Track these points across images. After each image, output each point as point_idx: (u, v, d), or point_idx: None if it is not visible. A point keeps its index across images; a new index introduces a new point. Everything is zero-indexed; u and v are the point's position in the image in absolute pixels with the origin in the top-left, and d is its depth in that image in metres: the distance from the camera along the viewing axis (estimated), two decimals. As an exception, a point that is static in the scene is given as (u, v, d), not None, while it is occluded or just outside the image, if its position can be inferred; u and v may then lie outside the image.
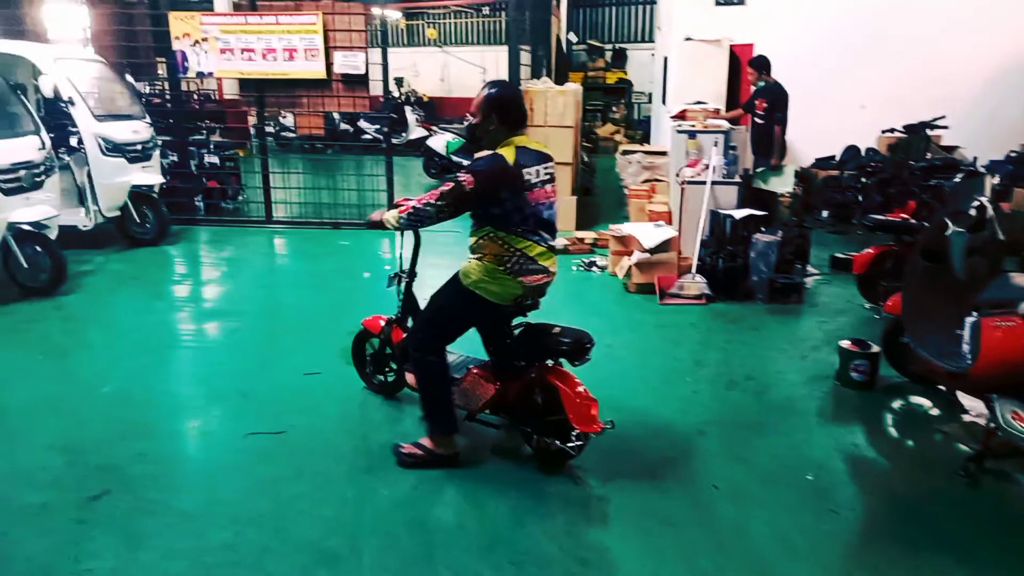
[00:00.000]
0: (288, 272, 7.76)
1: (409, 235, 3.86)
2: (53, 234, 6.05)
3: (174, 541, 2.97)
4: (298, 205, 9.51)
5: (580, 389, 3.39)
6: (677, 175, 6.83)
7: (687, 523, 3.15)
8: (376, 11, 11.76)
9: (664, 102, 11.48)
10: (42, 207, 5.99)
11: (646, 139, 16.30)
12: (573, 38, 18.59)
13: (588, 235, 8.03)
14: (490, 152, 3.28)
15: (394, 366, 4.22)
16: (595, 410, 3.36)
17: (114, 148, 7.35)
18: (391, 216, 3.42)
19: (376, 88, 10.72)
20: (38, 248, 5.94)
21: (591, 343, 3.45)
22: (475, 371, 3.68)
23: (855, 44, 9.66)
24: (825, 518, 3.20)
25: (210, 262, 7.89)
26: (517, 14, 8.95)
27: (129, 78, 8.81)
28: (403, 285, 4.05)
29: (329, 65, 8.61)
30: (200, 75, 8.81)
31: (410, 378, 3.96)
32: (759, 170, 7.43)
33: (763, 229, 6.27)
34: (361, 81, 10.13)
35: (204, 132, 9.58)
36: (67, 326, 5.70)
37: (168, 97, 10.37)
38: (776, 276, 6.07)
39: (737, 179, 6.66)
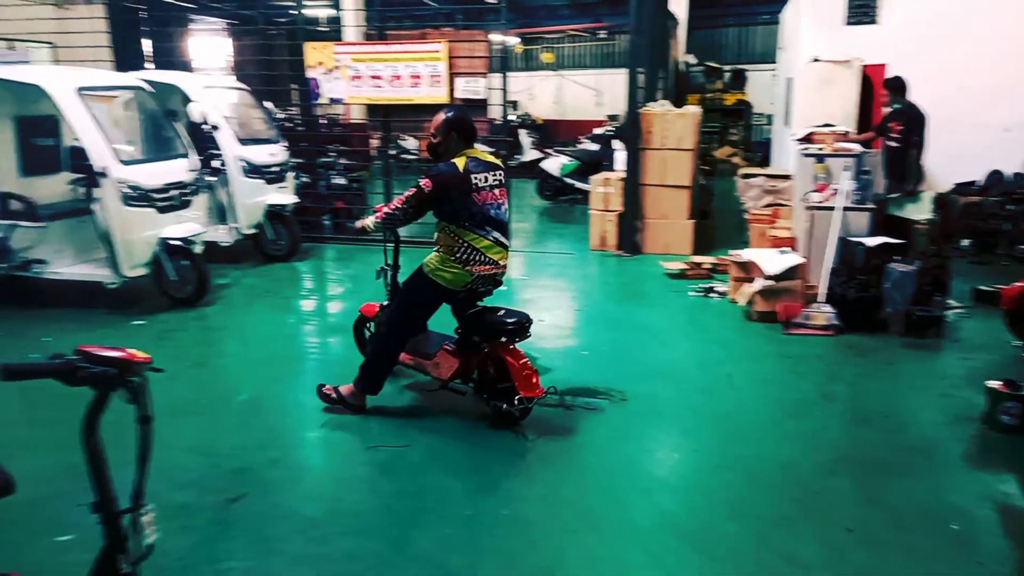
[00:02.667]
0: (407, 290, 7.99)
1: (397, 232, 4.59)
2: (199, 249, 6.49)
3: (302, 547, 3.10)
4: (417, 224, 9.77)
5: (524, 362, 4.09)
6: (803, 200, 6.57)
7: (817, 566, 2.99)
8: (496, 37, 12.04)
9: (787, 124, 11.11)
10: (190, 224, 6.45)
11: (765, 162, 15.80)
12: (691, 60, 18.33)
13: (706, 260, 7.85)
14: (444, 163, 3.99)
15: None
16: (536, 379, 4.08)
17: (253, 170, 7.84)
18: (369, 221, 4.18)
19: (495, 112, 10.92)
20: (185, 262, 6.39)
21: (530, 323, 4.19)
22: (445, 347, 4.34)
23: (998, 64, 9.03)
24: (970, 571, 2.96)
25: (335, 278, 8.25)
26: (636, 37, 8.92)
27: (267, 104, 9.38)
28: (388, 277, 4.69)
29: (451, 90, 8.86)
30: (333, 101, 9.26)
31: (403, 356, 4.49)
32: (893, 196, 7.05)
33: (898, 258, 5.93)
34: (480, 105, 10.39)
35: (333, 155, 10.03)
36: (207, 336, 6.09)
37: (299, 122, 10.98)
38: (913, 308, 5.71)
39: (870, 205, 6.34)
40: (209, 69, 13.56)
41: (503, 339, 4.13)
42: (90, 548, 2.06)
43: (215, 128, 7.68)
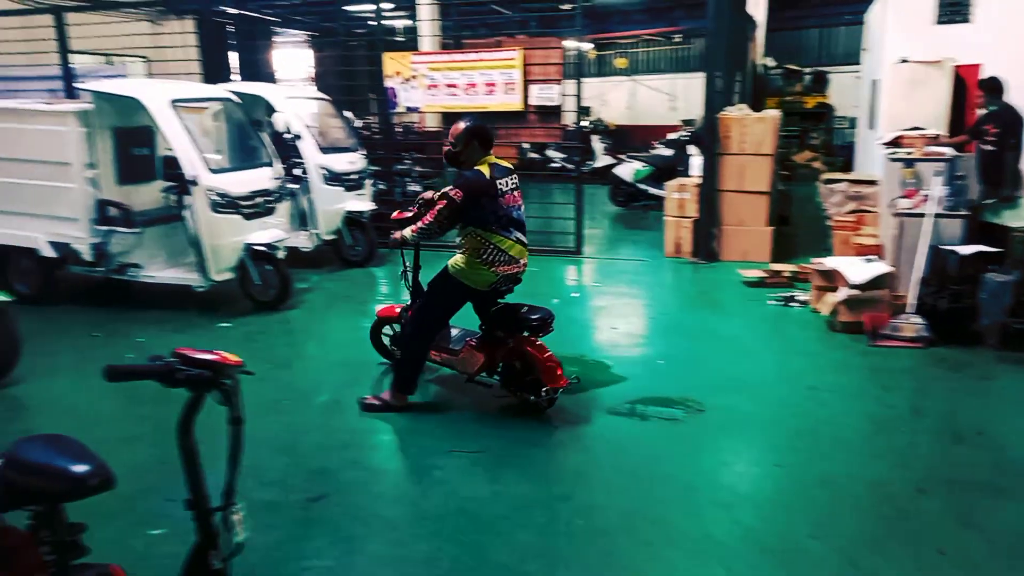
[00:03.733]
0: (480, 296, 8.05)
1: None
2: (282, 254, 6.71)
3: (382, 548, 3.15)
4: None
5: (548, 355, 4.33)
6: (891, 206, 6.32)
7: (909, 590, 2.86)
8: (571, 44, 12.03)
9: (872, 127, 10.71)
10: (274, 230, 6.67)
11: (848, 166, 15.28)
12: (770, 62, 17.90)
13: (786, 268, 7.63)
14: (469, 171, 4.16)
15: None
16: (560, 371, 4.31)
17: (333, 177, 8.06)
18: (407, 233, 4.31)
19: (569, 118, 10.94)
20: (269, 267, 6.61)
21: (552, 319, 4.37)
22: (469, 343, 4.56)
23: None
24: (1082, 604, 2.77)
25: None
26: (713, 40, 8.77)
27: (347, 113, 9.63)
28: (409, 278, 4.86)
29: (525, 97, 8.91)
30: (409, 109, 9.44)
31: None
32: (989, 202, 6.70)
33: (995, 267, 5.63)
34: (554, 112, 10.41)
35: (408, 162, 10.22)
36: (289, 338, 6.28)
37: (377, 130, 11.23)
38: (1010, 320, 5.41)
39: (963, 212, 6.05)
40: (292, 80, 14.01)
41: (526, 334, 4.37)
42: (182, 541, 2.15)
43: (297, 137, 7.93)
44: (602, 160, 16.07)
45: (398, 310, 4.99)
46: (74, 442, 2.01)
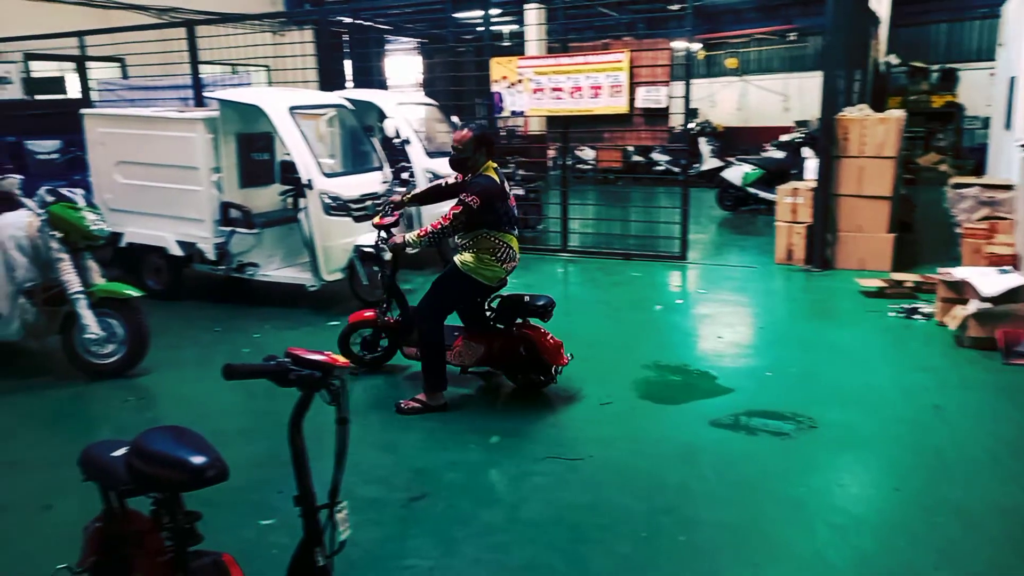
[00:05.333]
0: (580, 300, 7.99)
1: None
2: (388, 256, 6.88)
3: (481, 552, 3.16)
4: (591, 235, 9.79)
5: (549, 337, 4.67)
6: (1030, 213, 5.83)
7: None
8: (679, 45, 11.79)
9: (1009, 128, 9.94)
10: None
11: (979, 170, 14.24)
12: (894, 60, 16.93)
13: (909, 278, 7.17)
14: (481, 175, 4.37)
15: (383, 345, 5.21)
16: (562, 349, 4.67)
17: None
18: (411, 238, 4.42)
19: (676, 120, 10.71)
20: (376, 268, 6.80)
21: (553, 305, 4.71)
22: (464, 337, 4.77)
23: None
24: None
25: (510, 286, 8.39)
26: (832, 38, 8.36)
27: (454, 118, 9.78)
28: (386, 278, 5.03)
29: (631, 100, 8.77)
30: (514, 114, 9.50)
31: (409, 351, 4.97)
32: None
33: None
34: (660, 114, 10.20)
35: (512, 166, 10.28)
36: (393, 338, 6.42)
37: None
38: None
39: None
40: (402, 86, 14.40)
41: (528, 320, 4.71)
42: (290, 533, 2.22)
43: (406, 142, 8.12)
44: (709, 163, 15.68)
45: (367, 315, 5.09)
46: (194, 434, 2.11)
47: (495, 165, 4.49)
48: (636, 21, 18.55)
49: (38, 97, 10.53)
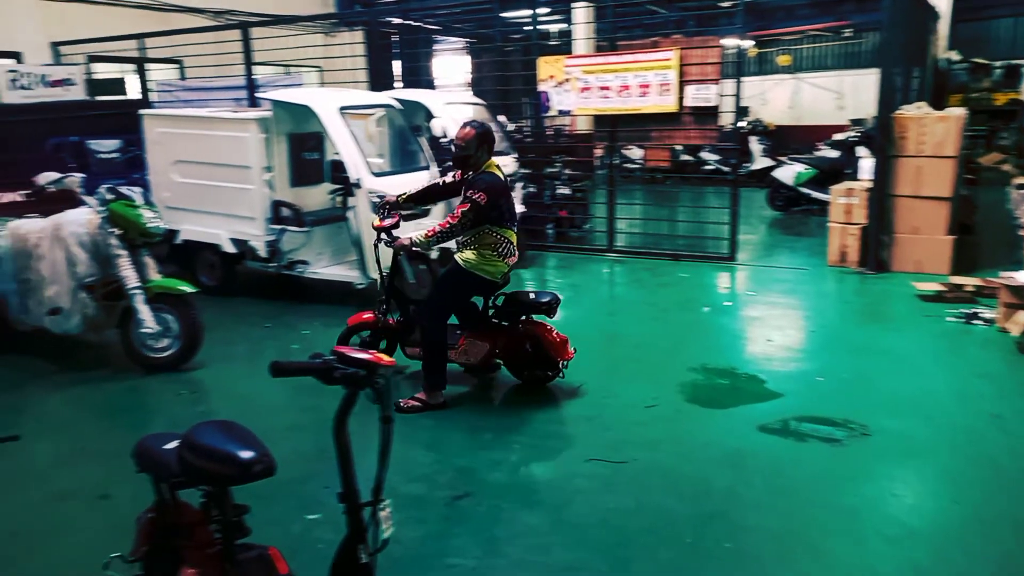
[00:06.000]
0: (627, 301, 7.93)
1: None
2: (435, 255, 6.93)
3: (524, 553, 3.15)
4: (638, 235, 9.70)
5: (555, 332, 4.70)
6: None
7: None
8: (730, 42, 11.61)
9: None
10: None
11: (1046, 169, 13.68)
12: (954, 56, 16.38)
13: (969, 281, 6.93)
14: (485, 172, 4.42)
15: (382, 347, 5.02)
16: (568, 343, 4.70)
17: (485, 180, 8.21)
18: (418, 238, 4.45)
19: (726, 119, 10.55)
20: (423, 266, 6.84)
21: (558, 302, 4.73)
22: (468, 336, 4.77)
23: None
24: None
25: (555, 286, 8.38)
26: (889, 34, 8.13)
27: (500, 118, 9.80)
28: (384, 281, 4.97)
29: (680, 99, 8.67)
30: (561, 113, 9.47)
31: (412, 351, 4.89)
32: None
33: None
34: (710, 113, 10.08)
35: (558, 165, 10.25)
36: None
37: (528, 133, 11.34)
38: None
39: None
40: (450, 86, 14.49)
41: (533, 317, 4.76)
42: (335, 528, 2.24)
43: (453, 141, 8.16)
44: (760, 162, 15.39)
45: (366, 316, 5.02)
46: (243, 429, 2.15)
47: (496, 162, 4.54)
48: (686, 19, 18.32)
49: (100, 98, 10.89)
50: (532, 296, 4.74)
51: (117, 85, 11.88)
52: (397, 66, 12.69)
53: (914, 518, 3.42)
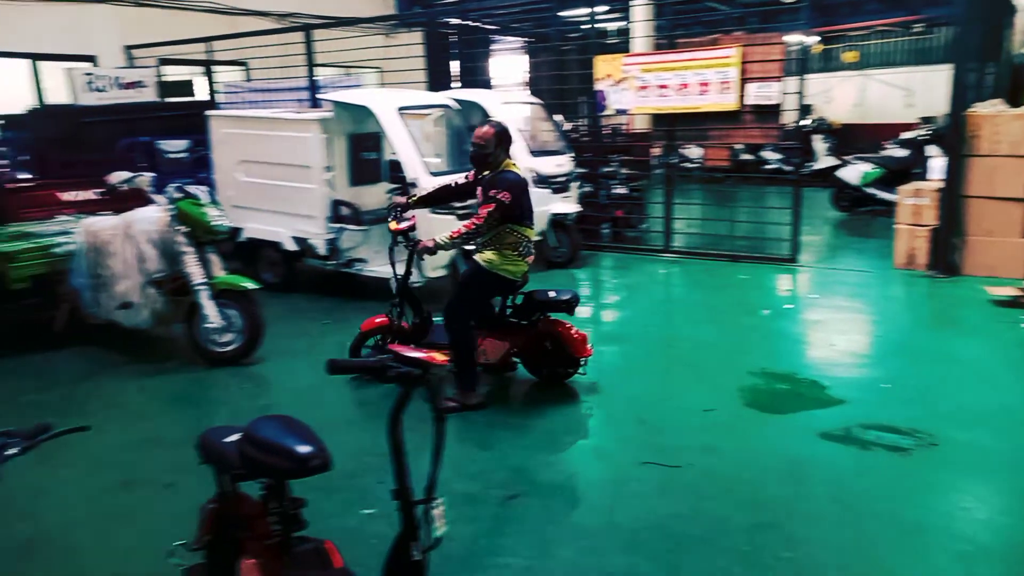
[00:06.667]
0: (683, 303, 7.82)
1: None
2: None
3: (577, 555, 3.13)
4: (696, 236, 9.55)
5: (575, 330, 4.74)
6: None
7: None
8: (794, 39, 11.33)
9: None
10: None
11: None
12: (1034, 50, 15.65)
13: (1047, 287, 6.61)
14: (506, 171, 4.40)
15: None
16: (587, 343, 4.72)
17: (541, 180, 8.21)
18: (442, 239, 4.41)
19: (790, 117, 10.30)
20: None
21: (578, 300, 4.76)
22: (486, 336, 4.77)
23: None
24: None
25: (611, 287, 8.33)
26: (963, 29, 7.80)
27: (557, 117, 9.78)
28: (398, 283, 4.97)
29: (741, 97, 8.50)
30: (618, 112, 9.38)
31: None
32: None
33: None
34: (772, 111, 9.85)
35: (615, 164, 10.16)
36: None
37: (584, 133, 11.27)
38: None
39: None
40: (507, 86, 14.51)
41: (551, 315, 4.78)
42: (389, 523, 2.27)
43: (510, 141, 8.17)
44: (824, 161, 15.00)
45: (379, 321, 5.03)
46: (302, 424, 2.19)
47: (514, 161, 4.55)
48: (748, 15, 17.95)
49: (169, 99, 11.27)
50: (553, 294, 4.76)
51: (185, 87, 12.26)
52: (455, 66, 12.77)
53: (985, 535, 3.28)
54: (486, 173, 4.49)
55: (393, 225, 4.87)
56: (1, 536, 3.32)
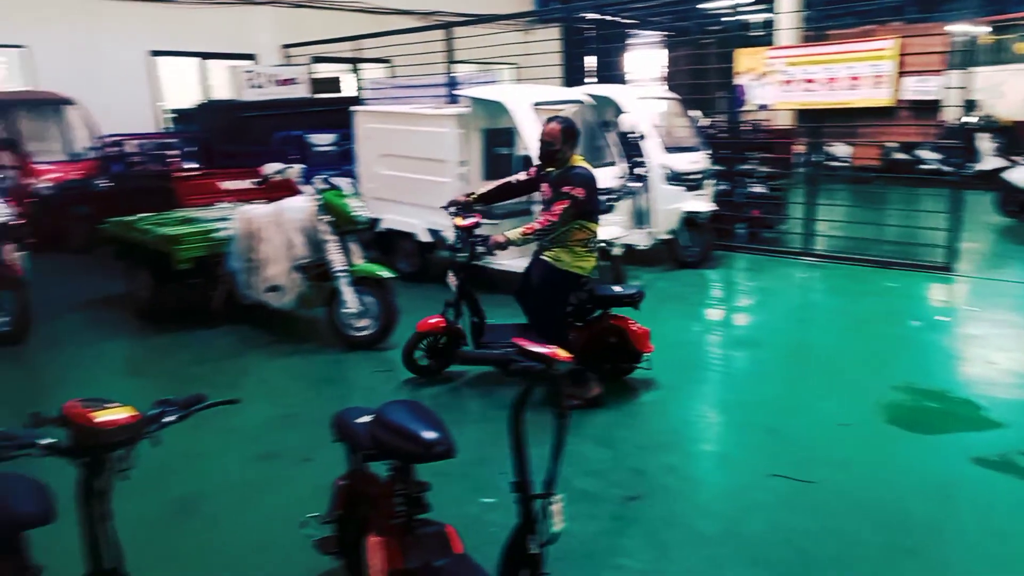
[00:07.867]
0: (823, 309, 7.41)
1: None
2: (617, 251, 6.88)
3: (696, 563, 3.06)
4: (839, 239, 9.03)
5: (638, 325, 4.73)
6: None
7: None
8: (958, 28, 10.44)
9: None
10: (611, 228, 6.86)
11: None
12: None
13: None
14: (577, 167, 4.36)
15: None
16: (648, 338, 4.72)
17: (674, 177, 8.04)
18: (515, 236, 4.37)
19: (951, 114, 9.52)
20: (606, 263, 6.82)
21: (642, 295, 4.74)
22: None
23: None
24: None
25: (745, 290, 8.03)
26: None
27: (694, 112, 9.52)
28: (458, 281, 4.94)
29: (896, 91, 7.94)
30: (760, 107, 9.02)
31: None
32: None
33: None
34: (930, 107, 9.15)
35: (753, 162, 9.77)
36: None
37: (721, 128, 10.89)
38: None
39: None
40: (643, 81, 14.30)
41: (611, 311, 4.77)
42: (508, 513, 2.30)
43: (642, 137, 8.04)
44: (989, 162, 13.75)
45: (433, 321, 4.93)
46: (429, 411, 2.26)
47: (582, 157, 4.48)
48: (907, 4, 16.73)
49: (318, 96, 11.93)
50: (617, 290, 4.82)
51: (333, 83, 12.94)
52: (591, 61, 12.71)
53: None
54: (550, 170, 4.45)
55: (459, 221, 4.91)
56: (160, 492, 3.65)
